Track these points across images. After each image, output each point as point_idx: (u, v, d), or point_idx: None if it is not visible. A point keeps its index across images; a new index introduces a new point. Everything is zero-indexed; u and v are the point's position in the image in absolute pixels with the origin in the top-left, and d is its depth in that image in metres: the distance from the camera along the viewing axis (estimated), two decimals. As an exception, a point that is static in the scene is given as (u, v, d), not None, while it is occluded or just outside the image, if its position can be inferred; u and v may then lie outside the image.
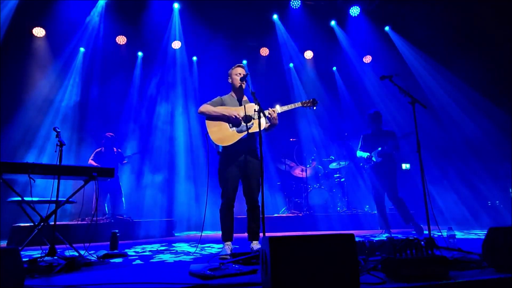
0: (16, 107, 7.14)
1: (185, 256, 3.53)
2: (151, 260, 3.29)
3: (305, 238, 1.82)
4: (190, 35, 8.37)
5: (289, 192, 7.59)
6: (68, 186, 6.15)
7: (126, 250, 3.97)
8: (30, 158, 6.91)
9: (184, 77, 8.86)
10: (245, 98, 3.77)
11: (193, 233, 7.09)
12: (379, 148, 5.05)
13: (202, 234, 4.07)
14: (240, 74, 3.68)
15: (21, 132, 7.10)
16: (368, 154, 5.16)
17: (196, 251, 3.89)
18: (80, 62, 8.04)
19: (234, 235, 3.55)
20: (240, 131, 3.48)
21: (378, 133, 5.20)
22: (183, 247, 4.42)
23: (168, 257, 3.47)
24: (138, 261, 3.24)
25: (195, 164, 8.36)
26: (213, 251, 3.93)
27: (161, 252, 3.92)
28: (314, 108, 3.58)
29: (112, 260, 3.30)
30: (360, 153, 5.31)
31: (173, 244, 4.76)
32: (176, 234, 6.60)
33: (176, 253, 3.82)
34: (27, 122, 7.19)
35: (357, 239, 2.20)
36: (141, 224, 6.05)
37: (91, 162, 6.58)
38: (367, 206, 7.58)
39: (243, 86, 3.61)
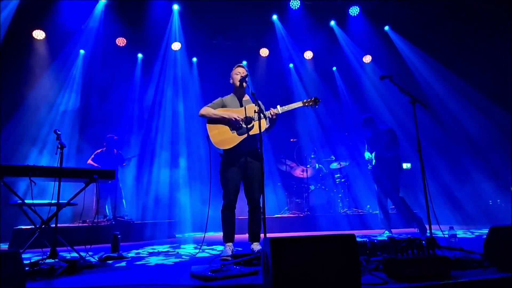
0: (17, 109, 7.15)
1: (186, 258, 3.53)
2: (152, 262, 3.29)
3: (306, 238, 1.82)
4: (190, 36, 8.38)
5: (290, 192, 7.58)
6: (67, 188, 6.15)
7: (127, 252, 3.97)
8: (30, 161, 6.91)
9: (184, 78, 8.87)
10: (246, 97, 3.75)
11: (193, 234, 7.08)
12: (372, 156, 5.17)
13: (205, 235, 4.06)
14: (239, 73, 3.66)
15: (22, 134, 7.11)
16: (370, 156, 5.26)
17: (199, 253, 3.88)
18: (80, 64, 8.06)
19: (235, 236, 3.55)
20: (240, 134, 3.47)
21: (376, 133, 5.29)
22: (186, 248, 4.41)
23: (169, 259, 3.47)
24: (139, 263, 3.24)
25: (196, 165, 8.37)
26: (216, 252, 3.93)
27: (163, 253, 3.92)
28: (316, 106, 3.53)
29: (113, 262, 3.30)
30: (367, 154, 5.41)
31: (175, 246, 4.75)
32: (177, 235, 6.60)
33: (178, 255, 3.82)
34: (27, 124, 7.20)
35: (358, 239, 2.19)
36: (142, 226, 6.05)
37: (90, 162, 6.59)
38: (368, 206, 7.57)
39: (244, 85, 3.60)
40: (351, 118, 9.07)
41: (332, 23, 8.72)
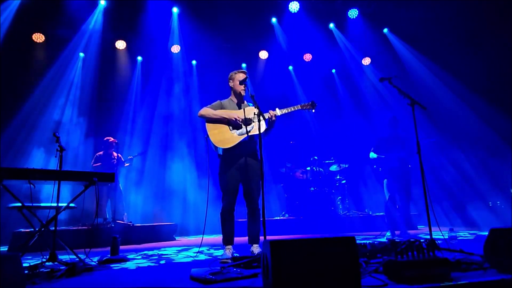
0: (16, 112, 7.15)
1: (186, 259, 3.52)
2: (152, 264, 3.28)
3: (306, 241, 1.82)
4: (189, 39, 8.40)
5: (289, 194, 7.58)
6: (66, 191, 6.14)
7: (127, 255, 3.96)
8: (30, 164, 6.91)
9: (183, 81, 8.89)
10: (245, 103, 3.76)
11: (193, 237, 7.07)
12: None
13: (204, 237, 4.05)
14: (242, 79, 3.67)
15: (21, 137, 7.11)
16: (382, 156, 5.14)
17: (198, 256, 3.88)
18: (80, 67, 8.08)
19: (235, 238, 3.54)
20: (240, 134, 3.48)
21: (395, 137, 5.21)
22: (186, 251, 4.41)
23: (169, 262, 3.46)
24: (138, 266, 3.23)
25: (196, 168, 8.36)
26: (215, 255, 3.92)
27: (162, 256, 3.91)
28: (313, 110, 3.60)
29: (112, 265, 3.29)
30: (373, 155, 5.29)
31: (174, 248, 4.74)
32: (177, 238, 6.59)
33: (178, 258, 3.81)
34: (27, 127, 7.20)
35: (358, 241, 2.19)
36: (142, 229, 6.04)
37: (95, 165, 6.55)
38: (367, 209, 7.56)
39: (244, 93, 3.61)
40: (350, 120, 9.07)
41: (331, 25, 8.75)
